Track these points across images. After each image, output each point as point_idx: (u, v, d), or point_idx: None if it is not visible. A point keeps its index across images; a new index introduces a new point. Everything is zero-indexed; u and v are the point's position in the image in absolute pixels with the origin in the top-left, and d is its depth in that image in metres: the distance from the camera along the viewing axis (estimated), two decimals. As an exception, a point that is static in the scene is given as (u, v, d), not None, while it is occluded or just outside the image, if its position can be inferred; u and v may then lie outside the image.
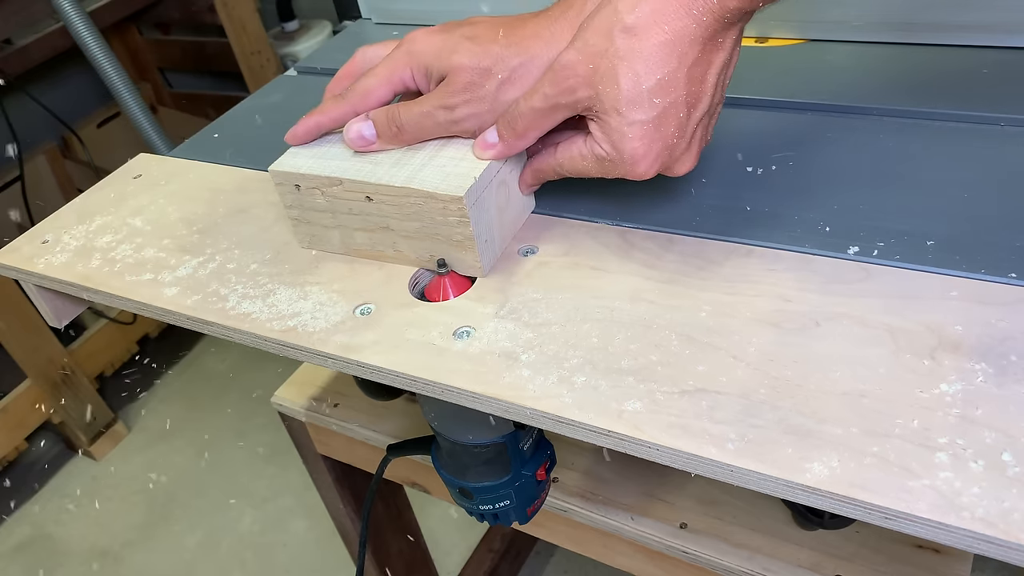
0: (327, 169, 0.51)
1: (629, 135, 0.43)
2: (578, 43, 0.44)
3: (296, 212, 0.53)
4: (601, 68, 0.43)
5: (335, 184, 0.50)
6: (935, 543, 0.48)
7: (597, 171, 0.47)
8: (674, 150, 0.45)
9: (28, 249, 0.61)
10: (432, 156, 0.50)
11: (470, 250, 0.49)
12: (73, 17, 0.68)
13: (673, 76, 0.42)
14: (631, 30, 0.41)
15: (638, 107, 0.42)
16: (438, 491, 0.79)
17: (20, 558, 1.65)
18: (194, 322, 0.52)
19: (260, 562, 1.56)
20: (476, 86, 0.48)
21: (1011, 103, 0.56)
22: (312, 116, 0.53)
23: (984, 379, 0.38)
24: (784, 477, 0.35)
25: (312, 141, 0.54)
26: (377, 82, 0.51)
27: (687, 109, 0.43)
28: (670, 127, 0.43)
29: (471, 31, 0.49)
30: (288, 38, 1.87)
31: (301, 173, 0.51)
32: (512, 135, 0.48)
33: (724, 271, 0.47)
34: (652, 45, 0.41)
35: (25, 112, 1.83)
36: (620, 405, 0.40)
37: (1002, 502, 0.33)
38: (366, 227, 0.52)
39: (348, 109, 0.52)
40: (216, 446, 1.80)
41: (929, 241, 0.46)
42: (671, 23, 0.41)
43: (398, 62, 0.50)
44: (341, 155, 0.52)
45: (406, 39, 0.51)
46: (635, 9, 0.41)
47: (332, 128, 0.53)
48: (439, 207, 0.47)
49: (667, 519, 0.64)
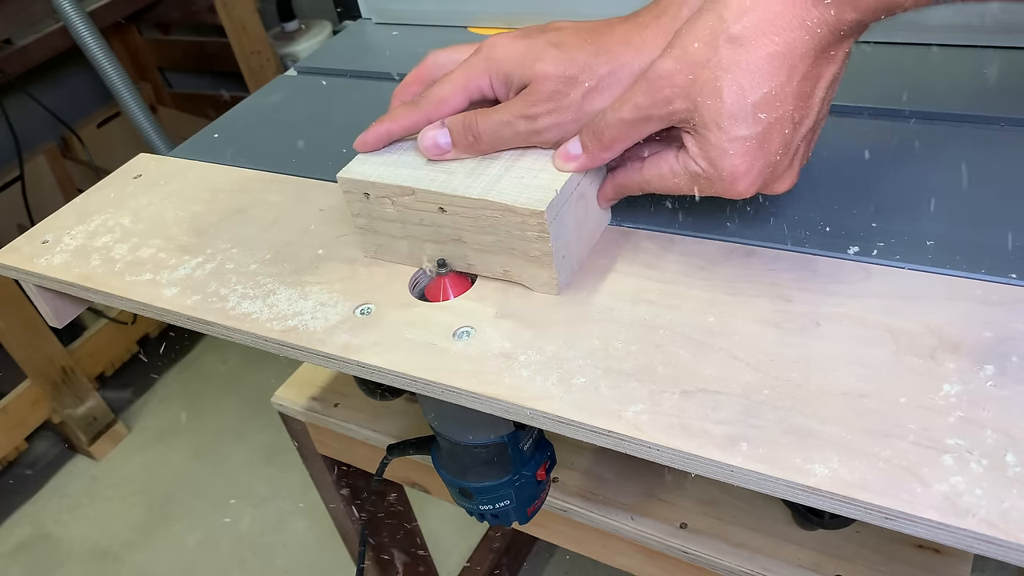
0: (399, 178, 0.48)
1: (730, 152, 0.41)
2: (676, 51, 0.41)
3: (363, 221, 0.51)
4: (702, 79, 0.40)
5: (407, 194, 0.48)
6: (935, 543, 0.48)
7: (689, 188, 0.44)
8: (776, 168, 0.42)
9: (28, 249, 0.61)
10: (509, 166, 0.48)
11: (547, 267, 0.46)
12: (73, 17, 0.68)
13: (781, 90, 0.39)
14: (737, 39, 0.39)
15: (741, 122, 0.40)
16: (438, 491, 0.79)
17: (20, 558, 1.65)
18: (194, 322, 0.52)
19: (260, 562, 1.55)
20: (561, 95, 0.45)
21: (1011, 103, 0.56)
22: (383, 123, 0.51)
23: (985, 379, 0.38)
24: (784, 477, 0.35)
25: (381, 149, 0.52)
26: (453, 89, 0.49)
27: (793, 125, 0.41)
28: (774, 144, 0.41)
29: (556, 37, 0.46)
30: (288, 38, 1.87)
31: (371, 181, 0.49)
32: (598, 147, 0.45)
33: (724, 271, 0.47)
34: (759, 57, 0.39)
35: (25, 112, 1.83)
36: (620, 405, 0.40)
37: (1002, 502, 0.33)
38: (437, 239, 0.49)
39: (421, 117, 0.49)
40: (216, 446, 1.80)
41: (929, 241, 0.46)
42: (782, 34, 0.38)
43: (476, 68, 0.48)
44: (412, 163, 0.49)
45: (485, 44, 0.48)
46: (742, 17, 0.39)
47: (403, 136, 0.51)
48: (517, 221, 0.45)
49: (667, 519, 0.64)
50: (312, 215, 0.59)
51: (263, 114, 0.75)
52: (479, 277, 0.50)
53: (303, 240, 0.56)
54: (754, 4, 0.39)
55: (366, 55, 0.82)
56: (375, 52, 0.82)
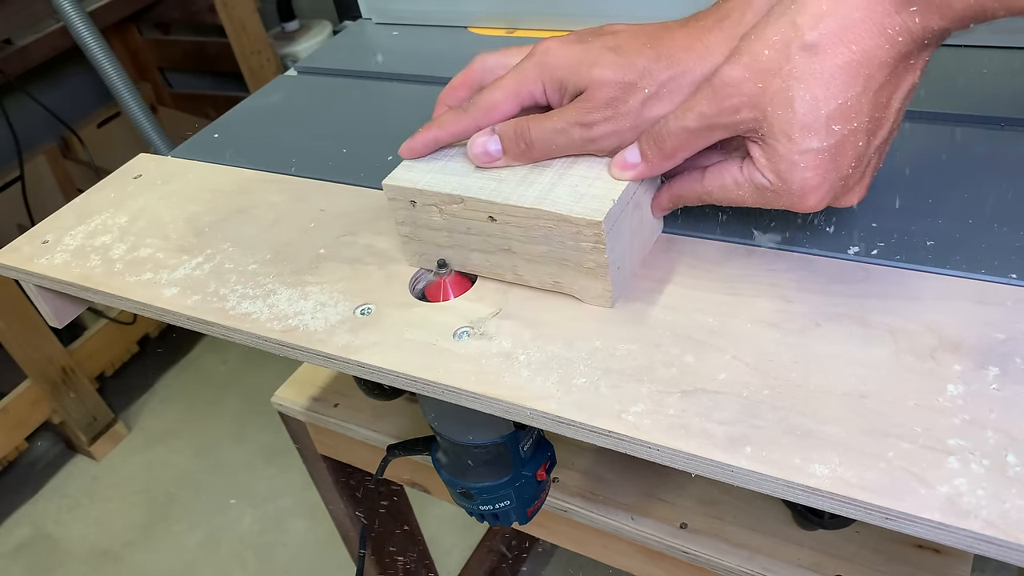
0: (447, 185, 0.47)
1: (800, 164, 0.39)
2: (744, 58, 0.39)
3: (408, 229, 0.50)
4: (772, 88, 0.38)
5: (456, 202, 0.46)
6: (935, 543, 0.48)
7: (754, 201, 0.42)
8: (848, 181, 0.40)
9: (28, 249, 0.61)
10: (562, 174, 0.46)
11: (601, 278, 0.45)
12: (73, 17, 0.68)
13: (856, 101, 0.37)
14: (812, 47, 0.37)
15: (814, 134, 0.38)
16: (438, 491, 0.79)
17: (20, 558, 1.65)
18: (194, 322, 0.52)
19: (260, 562, 1.56)
20: (619, 102, 0.44)
21: (1011, 104, 0.56)
22: (430, 130, 0.49)
23: (985, 380, 0.38)
24: (784, 477, 0.35)
25: (427, 155, 0.50)
26: (504, 96, 0.47)
27: (867, 137, 0.39)
28: (847, 157, 0.39)
29: (613, 41, 0.45)
30: (288, 38, 1.87)
31: (419, 189, 0.47)
32: (659, 156, 0.43)
33: (724, 271, 0.47)
34: (835, 66, 0.37)
35: (25, 112, 1.83)
36: (620, 405, 0.40)
37: (1003, 503, 0.33)
38: (484, 248, 0.48)
39: (471, 123, 0.48)
40: (216, 446, 1.80)
41: (929, 241, 0.46)
42: (860, 42, 0.36)
43: (528, 74, 0.46)
44: (461, 170, 0.48)
45: (537, 49, 0.47)
46: (819, 24, 0.37)
47: (451, 143, 0.50)
48: (571, 231, 0.44)
49: (667, 519, 0.64)
50: (312, 215, 0.59)
51: (263, 114, 0.75)
52: (479, 277, 0.50)
53: (303, 240, 0.56)
54: (831, 10, 0.37)
55: (366, 55, 0.82)
56: (375, 52, 0.83)
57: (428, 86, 0.74)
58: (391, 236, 0.55)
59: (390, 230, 0.55)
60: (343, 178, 0.62)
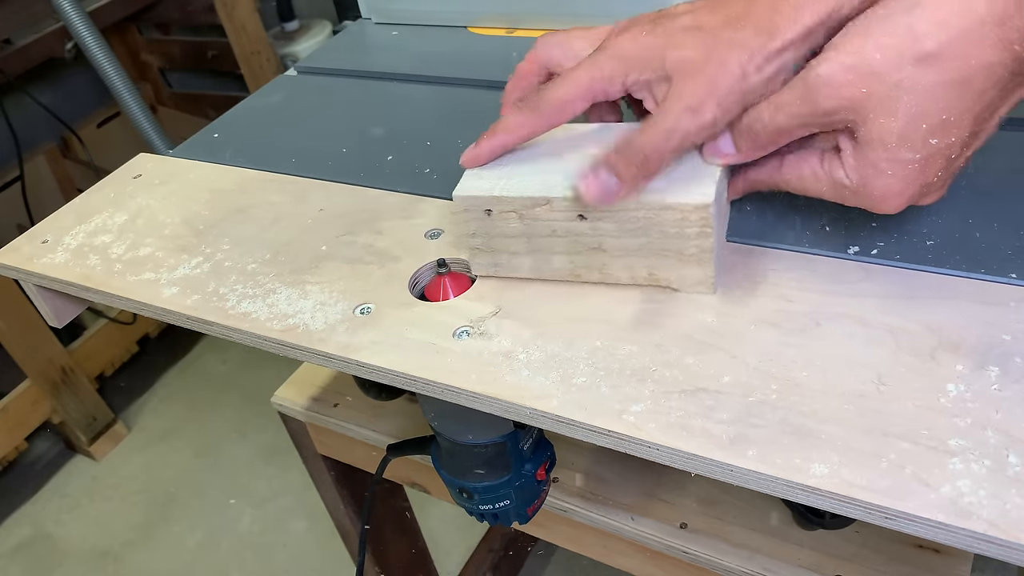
0: (529, 188, 0.44)
1: (888, 172, 0.37)
2: (850, 58, 0.36)
3: (480, 240, 0.47)
4: (878, 95, 0.36)
5: (539, 204, 0.44)
6: (935, 543, 0.48)
7: (831, 196, 0.41)
8: (931, 188, 0.39)
9: (28, 249, 0.61)
10: None
11: (704, 264, 0.43)
12: (73, 17, 0.68)
13: (961, 117, 0.35)
14: (930, 59, 0.34)
15: (910, 145, 0.36)
16: (438, 491, 0.79)
17: (20, 558, 1.65)
18: (194, 322, 0.52)
19: (260, 562, 1.56)
20: (716, 79, 0.40)
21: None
22: (496, 136, 0.46)
23: (986, 379, 0.38)
24: (784, 477, 0.35)
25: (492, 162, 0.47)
26: (577, 91, 0.44)
27: (961, 149, 0.37)
28: (936, 168, 0.37)
29: (690, 20, 0.41)
30: (288, 38, 1.87)
31: (495, 196, 0.44)
32: (752, 148, 0.41)
33: (724, 271, 0.47)
34: (948, 80, 0.34)
35: (25, 112, 1.83)
36: (620, 405, 0.40)
37: (1004, 503, 0.33)
38: (571, 250, 0.46)
39: (542, 124, 0.45)
40: (216, 446, 1.80)
41: (929, 241, 0.46)
42: (979, 54, 0.34)
43: (603, 69, 0.43)
44: (531, 171, 0.45)
45: (609, 41, 0.44)
46: (939, 32, 0.34)
47: (517, 145, 0.47)
48: (676, 218, 0.42)
49: (667, 519, 0.64)
50: (312, 215, 0.59)
51: (263, 114, 0.75)
52: (479, 277, 0.50)
53: (303, 240, 0.56)
54: (953, 16, 0.34)
55: (366, 55, 0.82)
56: (375, 52, 0.82)
57: (428, 86, 0.74)
58: (391, 236, 0.55)
59: (390, 230, 0.55)
60: (343, 178, 0.62)
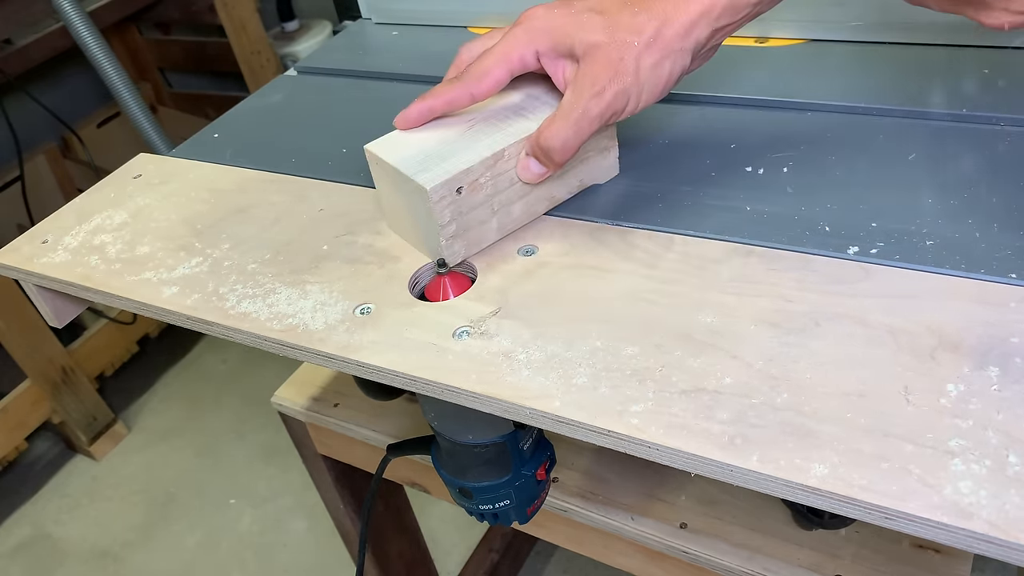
0: (484, 149, 0.49)
1: None
2: None
3: (454, 227, 0.49)
4: None
5: (498, 159, 0.49)
6: (935, 543, 0.48)
7: None
8: None
9: (28, 249, 0.61)
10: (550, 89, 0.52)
11: (612, 151, 0.54)
12: (73, 17, 0.68)
13: None
14: None
15: None
16: (438, 491, 0.79)
17: (20, 558, 1.65)
18: (194, 322, 0.52)
19: (260, 562, 1.56)
20: (617, 61, 0.45)
21: (1011, 103, 0.56)
22: (424, 100, 0.51)
23: (985, 379, 0.38)
24: (784, 477, 0.35)
25: (422, 125, 0.52)
26: (495, 61, 0.49)
27: None
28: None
29: (596, 3, 0.47)
30: (288, 38, 1.87)
31: (464, 169, 0.48)
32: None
33: (724, 271, 0.47)
34: None
35: (25, 112, 1.83)
36: (620, 405, 0.40)
37: (1004, 503, 0.33)
38: (525, 190, 0.51)
39: (463, 91, 0.49)
40: (216, 446, 1.80)
41: (929, 241, 0.46)
42: None
43: (518, 40, 0.48)
44: (467, 136, 0.50)
45: (523, 17, 0.49)
46: None
47: (444, 112, 0.52)
48: None
49: (667, 519, 0.64)
50: (312, 215, 0.59)
51: (263, 114, 0.75)
52: (479, 277, 0.50)
53: (303, 240, 0.56)
54: None
55: (366, 55, 0.82)
56: (375, 52, 0.82)
57: (428, 86, 0.73)
58: (391, 236, 0.55)
59: (390, 230, 0.55)
60: (343, 178, 0.62)
